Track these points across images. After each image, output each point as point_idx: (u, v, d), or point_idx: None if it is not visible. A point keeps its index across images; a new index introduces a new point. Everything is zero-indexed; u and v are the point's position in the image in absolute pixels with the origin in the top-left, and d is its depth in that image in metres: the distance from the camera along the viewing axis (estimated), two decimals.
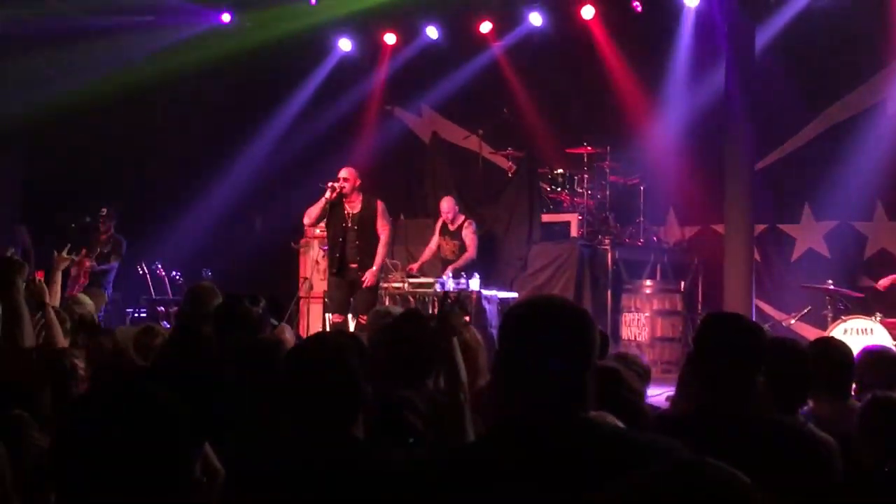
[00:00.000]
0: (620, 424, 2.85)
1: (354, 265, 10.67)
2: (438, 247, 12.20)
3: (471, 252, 11.95)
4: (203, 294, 5.95)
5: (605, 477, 1.48)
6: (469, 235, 11.98)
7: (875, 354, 5.22)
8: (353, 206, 10.75)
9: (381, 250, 10.86)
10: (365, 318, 10.33)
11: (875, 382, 4.61)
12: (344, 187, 10.63)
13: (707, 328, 3.46)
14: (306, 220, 10.99)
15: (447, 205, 12.15)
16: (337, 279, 10.78)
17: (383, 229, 10.83)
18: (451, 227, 12.10)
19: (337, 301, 10.81)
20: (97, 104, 13.48)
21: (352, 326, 10.65)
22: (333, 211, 10.73)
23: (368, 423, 3.50)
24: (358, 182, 10.77)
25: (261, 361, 3.92)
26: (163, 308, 12.79)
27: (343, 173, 10.75)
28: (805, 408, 4.33)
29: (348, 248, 10.69)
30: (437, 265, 12.08)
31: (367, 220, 10.73)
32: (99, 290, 12.02)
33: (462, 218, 12.14)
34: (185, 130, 14.79)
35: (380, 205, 10.87)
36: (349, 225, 10.71)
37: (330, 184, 10.68)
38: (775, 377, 3.41)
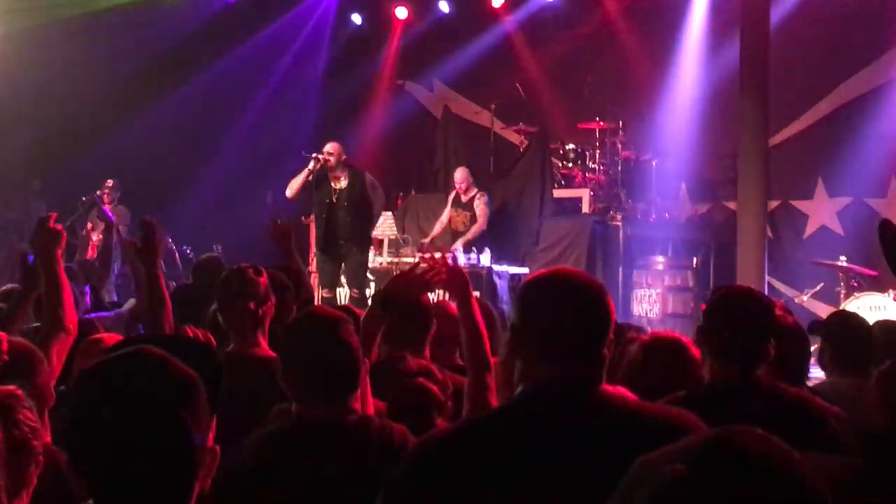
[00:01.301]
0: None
1: (343, 241, 10.63)
2: (450, 220, 12.16)
3: (481, 224, 11.92)
4: (208, 267, 5.96)
5: (627, 449, 1.45)
6: (481, 207, 11.94)
7: (887, 326, 5.18)
8: (339, 182, 10.66)
9: (373, 221, 10.85)
10: (356, 292, 10.35)
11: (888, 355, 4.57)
12: (328, 161, 10.53)
13: (717, 301, 3.44)
14: (288, 193, 10.80)
15: (461, 175, 12.10)
16: (325, 255, 10.74)
17: (375, 200, 10.78)
18: (464, 199, 12.05)
19: (327, 276, 10.78)
20: (106, 75, 13.46)
21: (344, 300, 10.64)
22: (319, 187, 10.63)
23: (390, 395, 3.50)
24: (343, 157, 10.65)
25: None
26: (173, 283, 12.75)
27: (328, 147, 10.62)
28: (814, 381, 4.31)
29: (336, 224, 10.61)
30: (449, 239, 12.05)
31: (355, 195, 10.64)
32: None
33: (475, 190, 12.10)
34: (194, 103, 14.73)
35: (368, 177, 10.80)
36: (335, 201, 10.60)
37: (314, 154, 10.59)
38: (781, 352, 3.39)
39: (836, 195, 12.94)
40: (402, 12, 14.94)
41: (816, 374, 5.22)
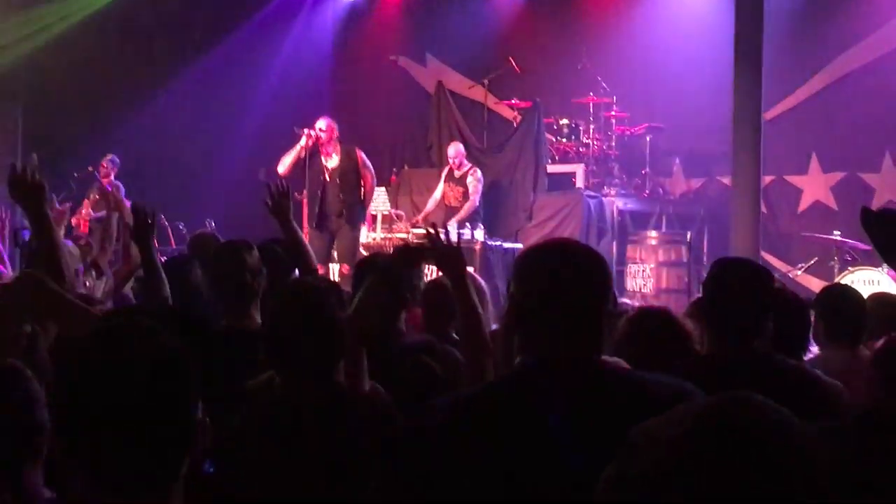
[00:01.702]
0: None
1: (335, 217, 10.60)
2: (443, 195, 12.13)
3: (474, 201, 11.91)
4: (203, 242, 5.94)
5: (629, 418, 1.44)
6: (473, 183, 11.93)
7: (881, 299, 5.18)
8: (331, 160, 10.63)
9: (367, 199, 10.82)
10: (348, 267, 10.33)
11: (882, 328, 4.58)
12: (320, 138, 10.49)
13: (718, 273, 3.43)
14: (280, 169, 10.71)
15: (454, 150, 12.09)
16: (317, 231, 10.70)
17: (367, 178, 10.74)
18: (457, 174, 12.03)
19: (317, 251, 10.72)
20: (96, 50, 13.40)
21: (335, 275, 10.63)
22: (311, 163, 10.59)
23: (390, 368, 3.49)
24: (335, 133, 10.63)
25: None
26: (165, 258, 12.73)
27: (320, 124, 10.60)
28: (809, 355, 4.31)
29: (329, 202, 10.59)
30: (442, 215, 12.03)
31: (348, 172, 10.62)
32: (98, 242, 11.99)
33: (468, 165, 12.08)
34: (187, 79, 14.67)
35: (360, 154, 10.77)
36: (328, 179, 10.58)
37: (307, 131, 10.53)
38: (780, 325, 3.39)
39: (830, 170, 12.94)
40: None
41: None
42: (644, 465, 1.32)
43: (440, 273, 4.54)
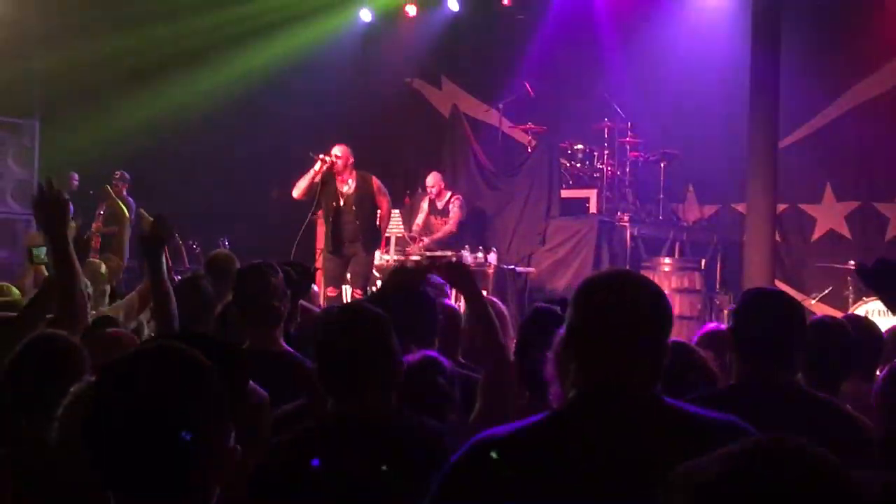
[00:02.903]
0: None
1: (353, 243, 10.63)
2: (426, 224, 12.13)
3: (452, 226, 12.03)
4: (222, 262, 5.94)
5: (687, 451, 1.43)
6: (455, 210, 12.03)
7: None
8: (347, 186, 10.66)
9: (383, 225, 10.84)
10: (360, 292, 10.35)
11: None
12: (336, 164, 10.53)
13: (751, 302, 3.41)
14: (295, 193, 10.82)
15: (433, 179, 12.13)
16: (332, 255, 10.74)
17: (383, 204, 10.77)
18: (439, 205, 12.06)
19: (332, 274, 10.77)
20: (110, 70, 13.46)
21: (348, 298, 10.64)
22: (326, 189, 10.63)
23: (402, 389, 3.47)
24: (351, 160, 10.67)
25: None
26: (179, 277, 12.74)
27: (336, 150, 10.64)
28: None
29: (344, 228, 10.62)
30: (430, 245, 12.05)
31: (363, 199, 10.66)
32: (113, 255, 12.03)
33: (448, 193, 12.11)
34: (201, 97, 14.70)
35: (375, 181, 10.80)
36: (342, 205, 10.62)
37: (321, 156, 10.58)
38: (817, 356, 3.36)
39: (844, 199, 12.92)
40: (411, 9, 14.92)
41: None
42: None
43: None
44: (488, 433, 2.30)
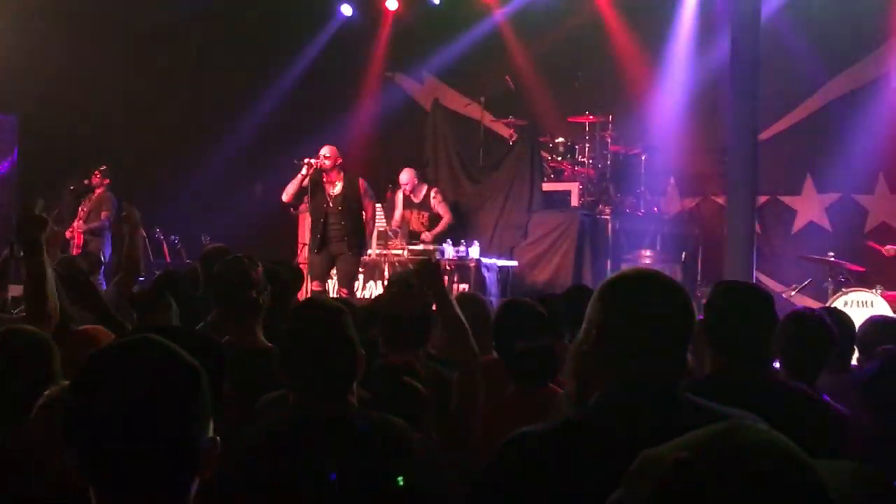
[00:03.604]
0: None
1: (339, 242, 10.68)
2: (403, 219, 12.15)
3: (448, 217, 12.03)
4: (217, 256, 5.92)
5: None
6: (440, 205, 12.06)
7: (881, 323, 5.20)
8: (334, 187, 10.73)
9: (370, 225, 10.91)
10: (346, 291, 10.40)
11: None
12: (324, 165, 10.60)
13: (722, 295, 3.45)
14: (284, 198, 10.95)
15: (407, 176, 12.12)
16: (317, 255, 10.83)
17: (368, 207, 10.85)
18: (416, 199, 12.08)
19: (317, 269, 10.83)
20: (93, 66, 13.41)
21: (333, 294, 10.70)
22: (315, 190, 10.74)
23: (370, 388, 3.48)
24: (339, 161, 10.76)
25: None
26: (158, 272, 12.72)
27: (324, 151, 10.73)
28: None
29: (330, 229, 10.69)
30: (406, 239, 12.04)
31: (350, 200, 10.74)
32: (94, 252, 11.99)
33: (425, 188, 12.13)
34: (183, 93, 14.68)
35: (362, 183, 10.89)
36: (330, 206, 10.70)
37: (306, 160, 10.66)
38: (795, 347, 3.40)
39: (825, 191, 12.98)
40: (392, 3, 14.92)
41: None
42: (641, 493, 1.32)
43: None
44: (524, 431, 2.31)
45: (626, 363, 2.27)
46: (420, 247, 11.67)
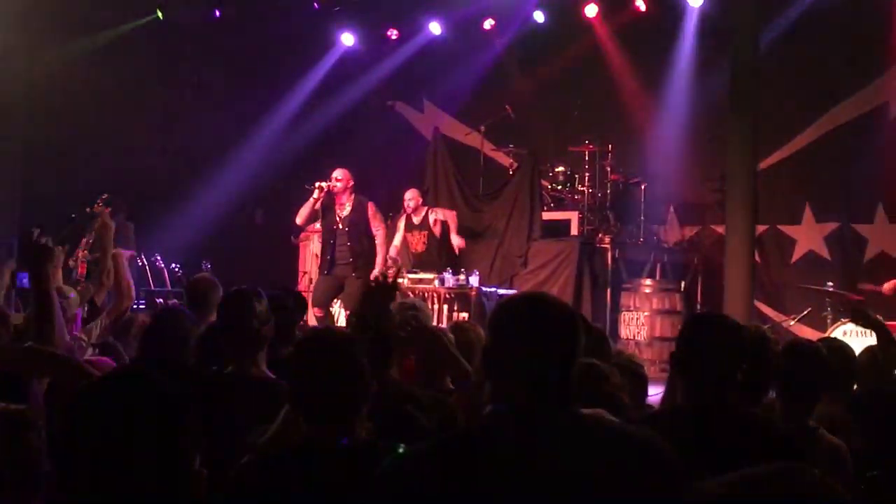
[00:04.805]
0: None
1: (346, 264, 10.75)
2: (404, 244, 12.16)
3: (459, 240, 12.04)
4: (203, 286, 5.93)
5: (592, 468, 1.49)
6: (442, 220, 12.01)
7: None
8: (344, 209, 10.85)
9: (380, 250, 10.95)
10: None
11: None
12: (335, 187, 10.71)
13: (690, 328, 3.51)
14: (298, 220, 11.22)
15: (411, 194, 12.11)
16: (325, 276, 10.96)
17: (378, 230, 10.93)
18: (416, 220, 12.08)
19: (319, 294, 10.88)
20: (94, 95, 13.47)
21: (341, 320, 10.72)
22: (325, 213, 10.89)
23: (373, 419, 3.48)
24: (351, 183, 10.90)
25: None
26: (161, 300, 12.75)
27: (337, 173, 10.87)
28: None
29: (338, 249, 10.79)
30: (408, 262, 12.06)
31: (357, 222, 10.86)
32: (96, 281, 11.96)
33: (424, 209, 12.12)
34: (185, 123, 14.73)
35: (370, 206, 10.99)
36: (339, 227, 10.82)
37: (317, 184, 10.75)
38: (791, 379, 3.43)
39: (824, 220, 12.98)
40: (393, 33, 15.01)
41: None
42: None
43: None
44: (405, 451, 2.36)
45: (508, 385, 2.32)
46: (420, 275, 11.68)
